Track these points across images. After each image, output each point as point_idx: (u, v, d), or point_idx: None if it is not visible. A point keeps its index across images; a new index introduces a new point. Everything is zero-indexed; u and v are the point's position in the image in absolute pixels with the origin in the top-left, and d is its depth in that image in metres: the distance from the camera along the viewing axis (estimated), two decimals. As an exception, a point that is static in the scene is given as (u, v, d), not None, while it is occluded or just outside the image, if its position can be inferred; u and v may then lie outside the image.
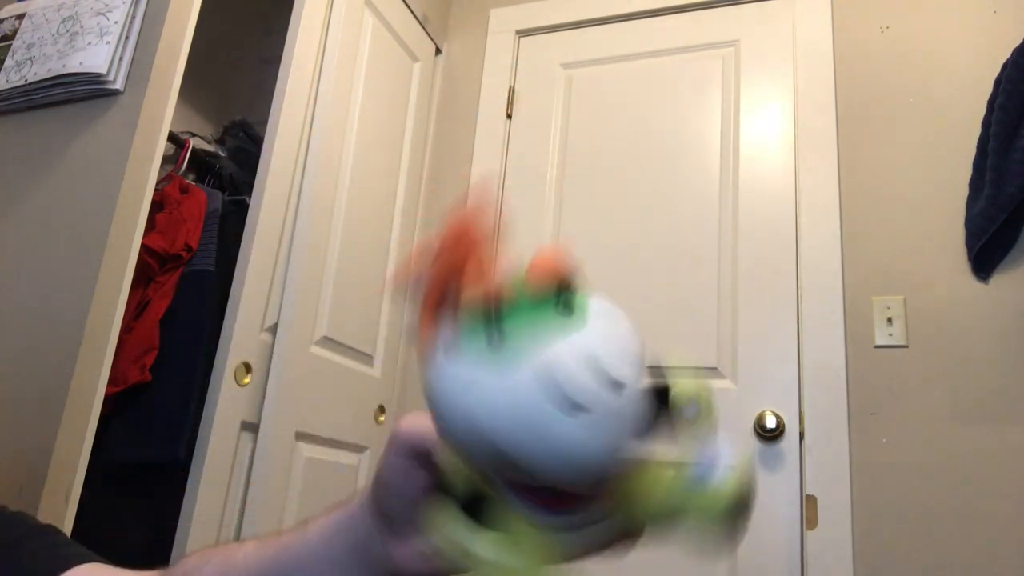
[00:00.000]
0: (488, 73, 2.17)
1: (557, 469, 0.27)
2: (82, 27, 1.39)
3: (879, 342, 1.57)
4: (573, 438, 0.26)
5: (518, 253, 0.31)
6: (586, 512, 0.31)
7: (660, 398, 0.29)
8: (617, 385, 0.26)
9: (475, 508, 0.32)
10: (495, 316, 0.27)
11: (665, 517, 0.33)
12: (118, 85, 1.33)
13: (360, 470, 1.79)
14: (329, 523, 0.41)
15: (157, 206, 1.62)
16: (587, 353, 0.26)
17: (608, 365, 0.26)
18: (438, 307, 0.30)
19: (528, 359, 0.26)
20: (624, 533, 0.34)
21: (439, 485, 0.35)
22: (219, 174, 1.93)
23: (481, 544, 0.31)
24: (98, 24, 1.37)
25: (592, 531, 0.32)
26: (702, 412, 0.30)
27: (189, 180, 1.87)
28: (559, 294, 0.28)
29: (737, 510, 0.32)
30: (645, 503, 0.32)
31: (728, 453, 0.32)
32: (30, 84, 1.39)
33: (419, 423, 0.36)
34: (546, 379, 0.26)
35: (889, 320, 1.57)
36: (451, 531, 0.32)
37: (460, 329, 0.28)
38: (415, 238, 2.07)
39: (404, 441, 0.36)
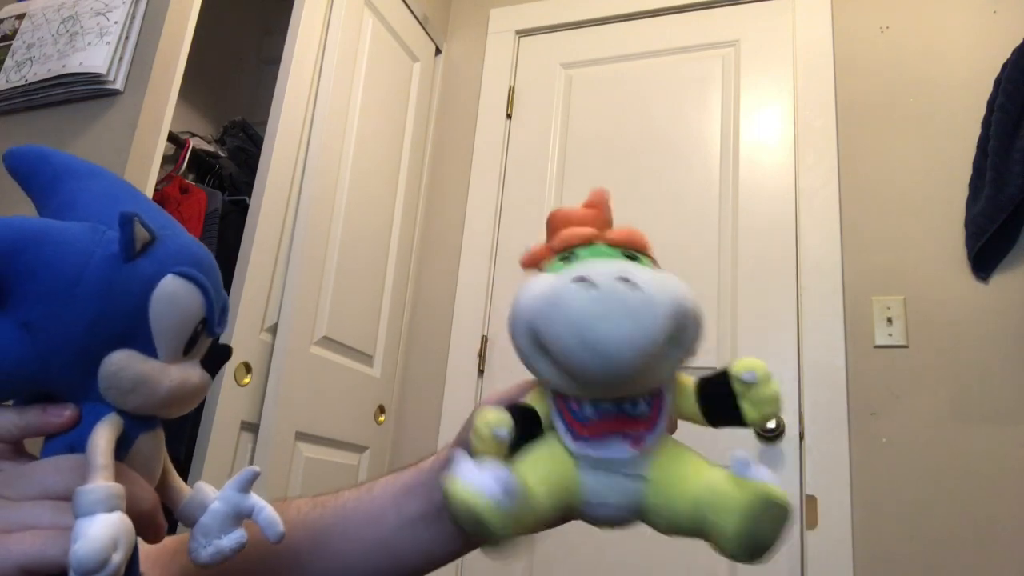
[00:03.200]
0: (488, 73, 2.17)
1: (575, 347, 0.32)
2: (82, 27, 1.39)
3: (879, 342, 1.57)
4: (594, 316, 0.31)
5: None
6: (614, 450, 0.35)
7: (720, 385, 0.36)
8: (634, 285, 0.32)
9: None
10: (574, 253, 0.38)
11: (705, 501, 0.34)
12: (118, 85, 1.33)
13: (360, 470, 1.79)
14: (399, 485, 0.43)
15: (157, 206, 1.61)
16: (621, 268, 0.33)
17: (633, 276, 0.32)
18: (546, 251, 0.41)
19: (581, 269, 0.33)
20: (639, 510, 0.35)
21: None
22: (219, 174, 1.93)
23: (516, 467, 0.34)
24: (98, 24, 1.37)
25: (613, 483, 0.35)
26: (760, 378, 0.35)
27: (189, 180, 1.87)
28: (628, 254, 0.37)
29: (772, 514, 0.32)
30: (686, 478, 0.35)
31: (765, 471, 0.33)
32: (30, 84, 1.39)
33: (494, 399, 0.41)
34: (580, 274, 0.33)
35: (889, 320, 1.57)
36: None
37: (554, 261, 0.39)
38: (415, 238, 2.07)
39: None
